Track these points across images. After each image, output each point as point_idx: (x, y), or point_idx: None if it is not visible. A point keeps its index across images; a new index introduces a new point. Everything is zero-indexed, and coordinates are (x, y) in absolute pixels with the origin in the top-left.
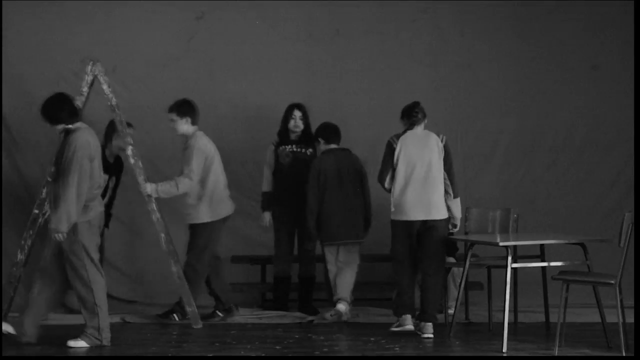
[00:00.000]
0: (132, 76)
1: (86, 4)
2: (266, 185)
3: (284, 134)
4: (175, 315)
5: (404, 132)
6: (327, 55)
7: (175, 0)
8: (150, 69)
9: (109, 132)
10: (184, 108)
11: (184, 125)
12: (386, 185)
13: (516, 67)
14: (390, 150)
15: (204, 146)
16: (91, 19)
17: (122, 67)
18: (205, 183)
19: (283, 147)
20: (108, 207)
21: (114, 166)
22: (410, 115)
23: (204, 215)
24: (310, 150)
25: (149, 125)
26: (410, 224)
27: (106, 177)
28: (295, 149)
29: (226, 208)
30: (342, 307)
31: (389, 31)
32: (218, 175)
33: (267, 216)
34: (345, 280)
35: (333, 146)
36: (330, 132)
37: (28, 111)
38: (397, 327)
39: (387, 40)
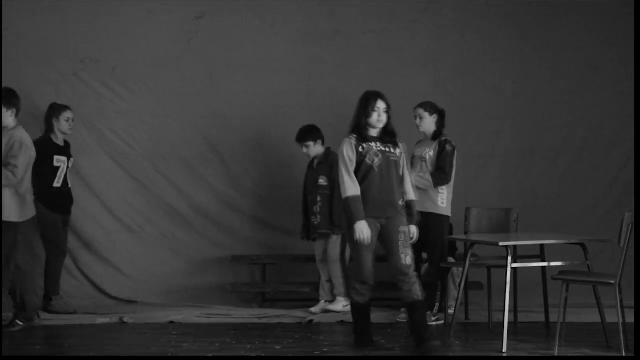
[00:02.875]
0: (132, 76)
1: (86, 4)
2: (353, 188)
3: (362, 129)
4: (18, 320)
5: (443, 131)
6: (327, 55)
7: (175, 0)
8: (150, 69)
9: (49, 116)
10: (11, 99)
11: (10, 118)
12: None
13: (516, 67)
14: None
15: (28, 142)
16: (91, 19)
17: (122, 67)
18: (22, 181)
19: (367, 144)
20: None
21: (65, 149)
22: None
23: (14, 214)
24: (399, 150)
25: (149, 125)
26: None
27: (64, 159)
28: (383, 148)
29: (32, 209)
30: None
31: (389, 31)
32: (30, 175)
33: (366, 227)
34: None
35: None
36: None
37: (28, 111)
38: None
39: (387, 40)
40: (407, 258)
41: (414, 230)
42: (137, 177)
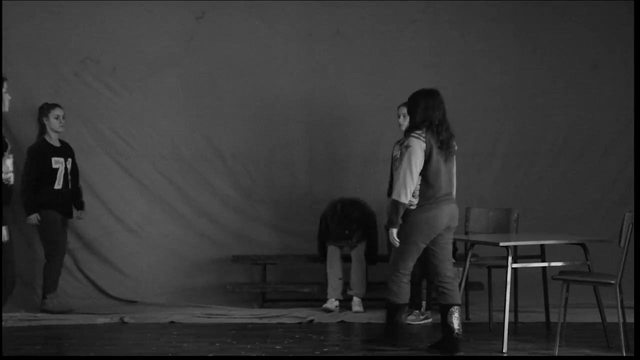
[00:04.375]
0: (132, 76)
1: (86, 4)
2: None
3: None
4: None
5: None
6: (327, 55)
7: (175, 0)
8: (150, 69)
9: (40, 117)
10: None
11: None
12: None
13: (516, 67)
14: None
15: None
16: (91, 19)
17: (122, 67)
18: None
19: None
20: (75, 193)
21: (62, 149)
22: None
23: None
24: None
25: (150, 125)
26: None
27: (62, 160)
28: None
29: None
30: None
31: (389, 31)
32: None
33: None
34: None
35: None
36: None
37: (28, 111)
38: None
39: (387, 40)
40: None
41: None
42: (137, 177)
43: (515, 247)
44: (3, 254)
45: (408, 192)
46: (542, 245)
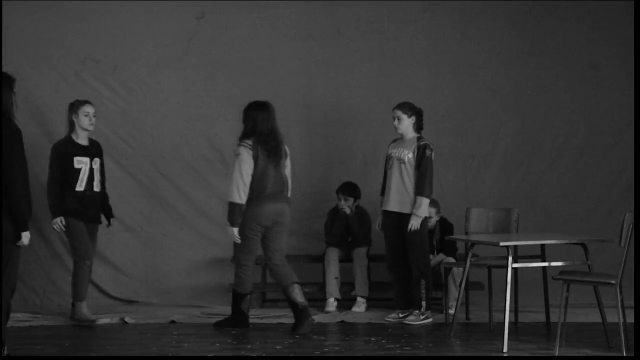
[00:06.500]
0: (132, 76)
1: (86, 4)
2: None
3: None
4: None
5: (421, 133)
6: (327, 55)
7: (176, 0)
8: (150, 69)
9: (69, 115)
10: None
11: None
12: None
13: (516, 67)
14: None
15: None
16: (91, 19)
17: (122, 67)
18: None
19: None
20: (103, 195)
21: (89, 149)
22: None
23: None
24: None
25: (150, 125)
26: None
27: (86, 160)
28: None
29: None
30: None
31: (389, 31)
32: None
33: None
34: None
35: None
36: None
37: (28, 111)
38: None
39: (387, 40)
40: None
41: None
42: (137, 177)
43: (515, 247)
44: (11, 259)
45: (241, 193)
46: (542, 245)
